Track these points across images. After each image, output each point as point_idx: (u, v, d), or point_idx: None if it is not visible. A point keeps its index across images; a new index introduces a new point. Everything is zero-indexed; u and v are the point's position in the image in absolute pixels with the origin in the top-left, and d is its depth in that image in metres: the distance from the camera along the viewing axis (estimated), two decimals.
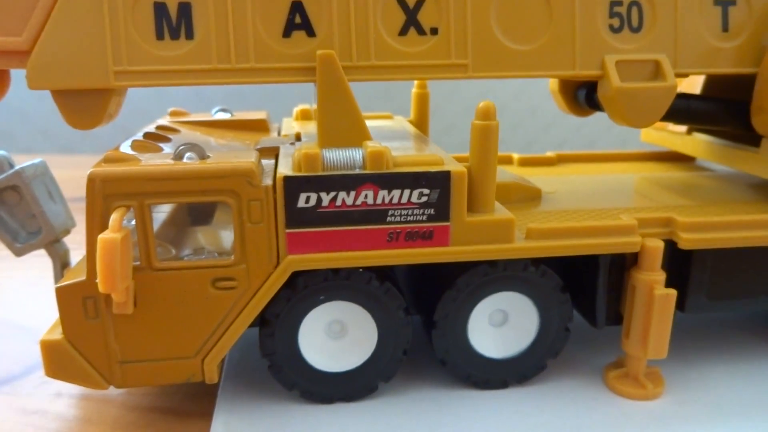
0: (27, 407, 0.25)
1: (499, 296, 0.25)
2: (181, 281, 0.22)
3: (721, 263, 0.26)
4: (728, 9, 0.27)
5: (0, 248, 0.27)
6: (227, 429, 0.23)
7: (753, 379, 0.27)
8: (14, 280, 0.38)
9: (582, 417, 0.24)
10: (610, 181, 0.34)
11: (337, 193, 0.22)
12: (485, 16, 0.25)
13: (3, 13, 0.23)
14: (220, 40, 0.24)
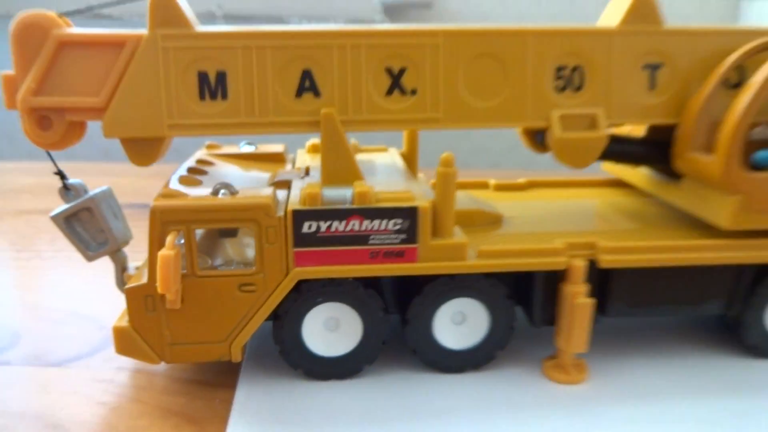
0: (96, 377, 0.33)
1: (457, 301, 0.32)
2: (215, 285, 0.29)
3: (637, 278, 0.32)
4: (655, 72, 0.34)
5: (72, 253, 0.34)
6: (247, 397, 0.30)
7: (664, 369, 0.33)
8: (79, 278, 0.45)
9: (521, 396, 0.31)
10: (566, 207, 0.40)
11: (331, 222, 0.29)
12: (454, 81, 0.32)
13: (84, 79, 0.31)
14: (248, 100, 0.31)
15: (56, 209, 0.34)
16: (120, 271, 0.35)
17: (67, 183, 0.34)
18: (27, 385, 0.32)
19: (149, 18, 0.30)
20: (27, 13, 0.30)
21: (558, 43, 0.32)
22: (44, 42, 0.30)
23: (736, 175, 0.30)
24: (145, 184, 0.31)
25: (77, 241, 0.34)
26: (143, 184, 0.31)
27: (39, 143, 0.32)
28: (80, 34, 0.30)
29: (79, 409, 0.30)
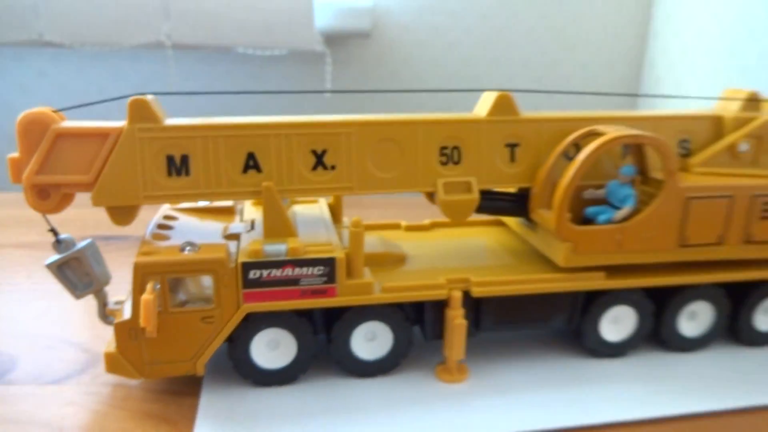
0: (88, 391, 0.41)
1: (368, 324, 0.42)
2: (183, 318, 0.39)
3: (501, 302, 0.44)
4: (514, 149, 0.45)
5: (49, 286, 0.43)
6: (209, 401, 0.40)
7: (523, 368, 0.44)
8: (59, 309, 0.53)
9: (418, 393, 0.41)
10: (458, 245, 0.52)
11: (271, 270, 0.39)
12: (364, 158, 0.42)
13: (76, 161, 0.39)
14: (206, 176, 0.40)
15: (50, 258, 0.42)
16: (102, 306, 0.44)
17: (59, 238, 0.42)
18: (32, 399, 0.41)
19: (128, 115, 0.39)
20: (30, 111, 0.39)
21: (441, 130, 0.43)
22: (44, 134, 0.39)
23: (565, 227, 0.42)
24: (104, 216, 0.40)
25: (67, 283, 0.43)
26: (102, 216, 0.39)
27: (39, 209, 0.40)
28: (73, 128, 0.39)
29: (77, 417, 0.39)
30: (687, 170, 0.47)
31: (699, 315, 0.48)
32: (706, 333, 0.48)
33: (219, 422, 0.38)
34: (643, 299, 0.46)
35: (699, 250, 0.45)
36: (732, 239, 0.45)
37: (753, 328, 0.49)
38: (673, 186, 0.42)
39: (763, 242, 0.45)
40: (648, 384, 0.44)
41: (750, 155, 0.48)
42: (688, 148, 0.48)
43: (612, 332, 0.46)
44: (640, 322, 0.46)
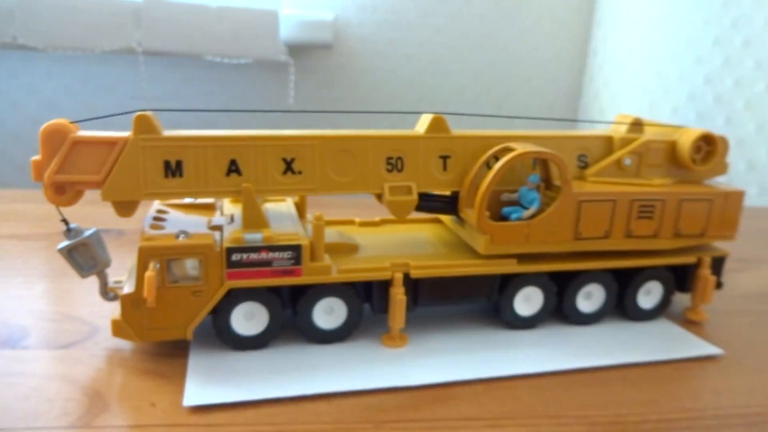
0: (93, 354, 0.50)
1: (327, 299, 0.52)
2: (177, 292, 0.48)
3: (435, 283, 0.54)
4: (446, 160, 0.56)
5: (46, 271, 0.52)
6: (196, 361, 0.49)
7: (453, 336, 0.55)
8: (58, 290, 0.62)
9: (367, 356, 0.51)
10: (402, 238, 0.62)
11: (250, 253, 0.48)
12: (324, 165, 0.52)
13: (90, 163, 0.48)
14: (196, 177, 0.50)
15: (61, 244, 0.50)
16: (103, 285, 0.53)
17: (70, 227, 0.51)
18: (46, 360, 0.49)
19: (134, 127, 0.48)
20: (52, 122, 0.47)
21: (388, 144, 0.54)
22: (63, 141, 0.47)
23: (484, 223, 0.53)
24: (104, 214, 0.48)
25: (75, 265, 0.51)
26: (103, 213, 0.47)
27: (55, 203, 0.49)
28: (88, 136, 0.48)
29: (86, 373, 0.47)
30: (584, 179, 0.59)
31: (593, 295, 0.59)
32: (599, 310, 0.60)
33: (206, 376, 0.47)
34: (548, 282, 0.57)
35: (590, 242, 0.56)
36: (616, 234, 0.57)
37: (637, 306, 0.61)
38: (568, 192, 0.54)
39: (641, 237, 0.58)
40: (551, 348, 0.55)
41: (633, 168, 0.60)
42: (586, 162, 0.60)
43: (524, 308, 0.58)
44: (546, 301, 0.58)
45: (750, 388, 0.51)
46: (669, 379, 0.52)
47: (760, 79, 1.30)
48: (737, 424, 0.46)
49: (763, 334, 0.62)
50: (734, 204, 0.60)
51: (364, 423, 0.43)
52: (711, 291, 0.61)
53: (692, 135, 0.59)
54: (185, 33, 1.38)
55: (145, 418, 0.42)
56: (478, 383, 0.49)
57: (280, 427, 0.42)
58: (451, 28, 1.82)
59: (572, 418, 0.45)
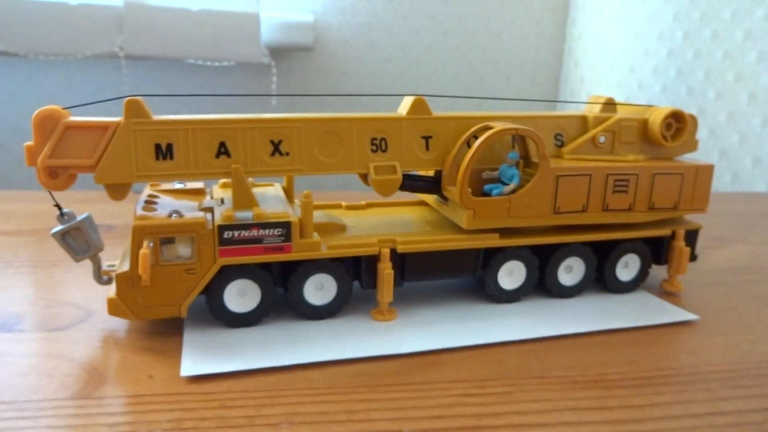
0: (89, 335, 0.51)
1: (317, 275, 0.54)
2: (171, 270, 0.49)
3: (421, 258, 0.56)
4: (428, 140, 0.58)
5: (36, 262, 0.53)
6: (191, 337, 0.50)
7: (440, 309, 0.57)
8: (48, 279, 0.63)
9: (357, 329, 0.53)
10: (388, 219, 0.64)
11: (241, 231, 0.50)
12: (311, 147, 0.54)
13: (82, 148, 0.49)
14: (186, 160, 0.51)
15: (55, 228, 0.52)
16: (97, 269, 0.54)
17: (63, 211, 0.52)
18: (42, 342, 0.50)
19: (125, 111, 0.49)
20: (44, 108, 0.49)
21: (372, 125, 0.55)
22: (56, 126, 0.49)
23: (467, 198, 0.55)
24: (94, 208, 0.50)
25: (69, 249, 0.52)
26: (93, 208, 0.49)
27: (49, 187, 0.50)
28: (80, 121, 0.49)
29: (83, 352, 0.48)
30: (561, 157, 0.61)
31: (574, 268, 0.62)
32: (580, 282, 0.62)
33: (202, 349, 0.49)
34: (530, 255, 0.59)
35: (569, 216, 0.59)
36: (593, 208, 0.59)
37: (615, 279, 0.63)
38: (546, 167, 0.56)
39: (617, 210, 0.60)
40: (535, 317, 0.57)
41: (607, 146, 0.62)
42: (562, 141, 0.63)
43: (507, 282, 0.60)
44: (529, 274, 0.60)
45: (724, 348, 0.53)
46: (647, 342, 0.54)
47: (729, 70, 1.35)
48: (712, 379, 0.48)
49: (736, 302, 0.64)
50: (704, 177, 0.63)
51: (357, 388, 0.45)
52: (686, 262, 0.64)
53: (662, 112, 0.62)
54: (167, 37, 1.40)
55: (144, 388, 0.43)
56: (465, 350, 0.51)
57: (276, 394, 0.43)
58: (430, 31, 1.85)
59: (555, 378, 0.47)
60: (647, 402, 0.44)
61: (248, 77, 1.65)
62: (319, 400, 0.43)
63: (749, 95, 1.29)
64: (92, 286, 0.59)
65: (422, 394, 0.44)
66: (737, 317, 0.60)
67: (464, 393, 0.44)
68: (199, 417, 0.40)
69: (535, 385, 0.46)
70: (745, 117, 1.30)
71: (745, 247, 0.85)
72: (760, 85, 1.26)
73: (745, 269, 0.75)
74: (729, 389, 0.47)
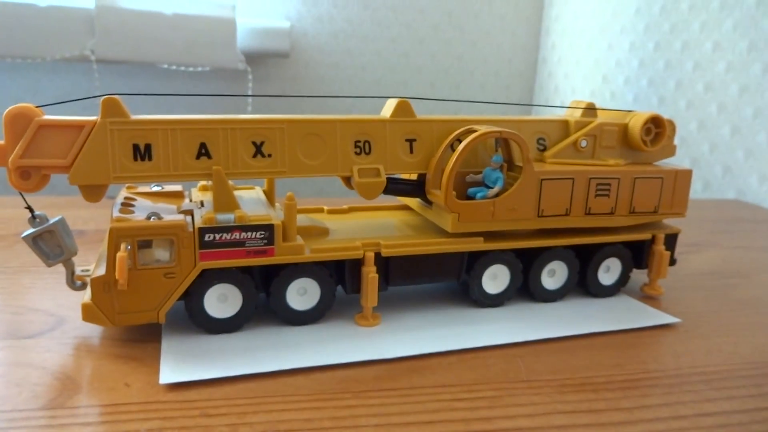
0: (61, 342, 0.49)
1: (300, 280, 0.52)
2: (149, 274, 0.48)
3: (405, 262, 0.55)
4: (412, 143, 0.58)
5: (7, 269, 0.51)
6: (169, 344, 0.49)
7: (424, 314, 0.56)
8: (19, 285, 0.60)
9: (341, 336, 0.52)
10: (371, 223, 0.63)
11: (222, 234, 0.49)
12: (294, 149, 0.53)
13: (56, 148, 0.47)
14: (165, 161, 0.50)
15: (26, 232, 0.50)
16: (70, 274, 0.52)
17: (35, 214, 0.50)
18: (12, 350, 0.48)
19: (101, 110, 0.48)
20: (16, 106, 0.47)
21: (355, 127, 0.55)
22: (28, 125, 0.47)
23: (451, 201, 0.55)
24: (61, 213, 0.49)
25: (41, 253, 0.50)
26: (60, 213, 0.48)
27: (20, 188, 0.48)
28: (54, 120, 0.47)
29: (55, 360, 0.46)
30: (543, 161, 0.62)
31: (557, 272, 0.62)
32: (563, 286, 0.62)
33: (181, 355, 0.47)
34: (514, 259, 0.59)
35: (552, 220, 0.59)
36: (576, 211, 0.59)
37: (598, 283, 0.64)
38: (530, 170, 0.56)
39: (599, 214, 0.60)
40: (520, 322, 0.57)
41: (589, 150, 0.63)
42: (545, 145, 0.63)
43: (491, 286, 0.59)
44: (513, 278, 0.60)
45: (707, 350, 0.54)
46: (632, 345, 0.54)
47: (699, 80, 1.38)
48: (697, 381, 0.48)
49: (715, 306, 0.65)
50: (683, 182, 0.63)
51: (343, 393, 0.44)
52: (666, 265, 0.64)
53: (642, 117, 0.63)
54: (140, 41, 1.37)
55: (120, 397, 0.41)
56: (451, 354, 0.50)
57: (259, 401, 0.42)
58: (405, 38, 1.86)
59: (543, 382, 0.47)
60: (635, 404, 0.44)
61: (224, 83, 1.63)
62: (304, 407, 0.42)
63: (718, 105, 1.32)
64: (64, 292, 0.57)
65: (409, 400, 0.43)
66: (717, 320, 0.61)
67: (452, 398, 0.44)
68: (179, 426, 0.39)
69: (524, 389, 0.45)
70: (715, 126, 1.33)
71: (720, 251, 0.87)
72: (728, 94, 1.29)
73: (721, 273, 0.77)
74: (714, 391, 0.47)
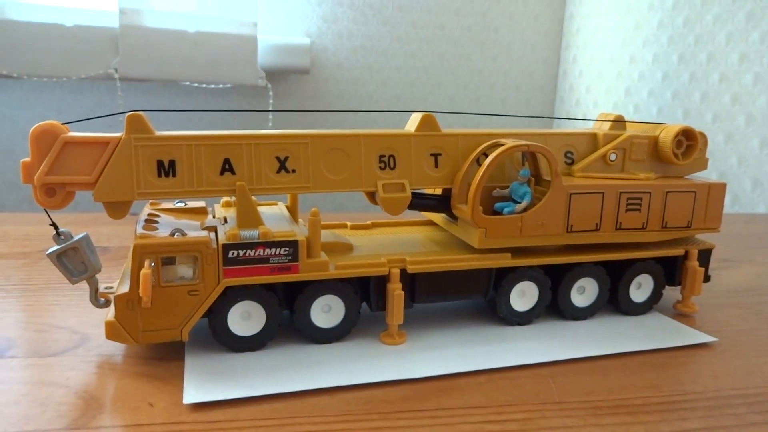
0: (85, 360, 0.48)
1: (324, 297, 0.52)
2: (172, 292, 0.47)
3: (431, 278, 0.54)
4: (437, 157, 0.57)
5: (27, 286, 0.50)
6: (193, 362, 0.48)
7: (451, 331, 0.55)
8: (41, 303, 0.60)
9: (367, 353, 0.51)
10: (395, 238, 0.62)
11: (246, 250, 0.48)
12: (318, 164, 0.52)
13: (81, 165, 0.47)
14: (189, 177, 0.49)
15: (50, 249, 0.49)
16: (94, 291, 0.52)
17: (60, 231, 0.50)
18: (36, 369, 0.47)
19: (126, 127, 0.48)
20: (42, 123, 0.47)
21: (380, 141, 0.54)
22: (54, 142, 0.47)
23: (478, 217, 0.54)
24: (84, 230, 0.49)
25: (65, 270, 0.50)
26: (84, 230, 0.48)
27: (45, 206, 0.48)
28: (79, 137, 0.47)
29: (79, 378, 0.46)
30: (571, 175, 0.60)
31: (587, 289, 0.60)
32: (593, 304, 0.60)
33: (205, 374, 0.46)
34: (542, 276, 0.58)
35: (582, 235, 0.57)
36: (606, 227, 0.58)
37: (629, 300, 0.62)
38: (559, 184, 0.55)
39: (630, 229, 0.59)
40: (549, 340, 0.55)
41: (618, 163, 0.61)
42: (573, 158, 0.62)
43: (520, 304, 0.58)
44: (542, 295, 0.58)
45: (747, 371, 0.52)
46: (667, 365, 0.52)
47: (726, 92, 1.35)
48: (738, 404, 0.46)
49: (753, 324, 0.63)
50: (717, 196, 0.62)
51: (370, 415, 0.42)
52: (700, 282, 0.62)
53: (673, 130, 0.61)
54: (163, 59, 1.39)
55: (144, 417, 0.41)
56: (480, 374, 0.49)
57: (285, 422, 0.41)
58: (426, 54, 1.86)
59: (576, 404, 0.45)
60: (675, 428, 0.42)
61: (245, 100, 1.64)
62: (331, 428, 0.41)
63: (747, 117, 1.29)
64: (88, 310, 0.56)
65: (438, 422, 0.42)
66: (755, 339, 0.59)
67: (482, 420, 0.42)
68: None
69: (556, 411, 0.44)
70: (744, 139, 1.31)
71: (753, 268, 0.84)
72: (757, 106, 1.26)
73: (756, 290, 0.74)
74: (757, 414, 0.45)
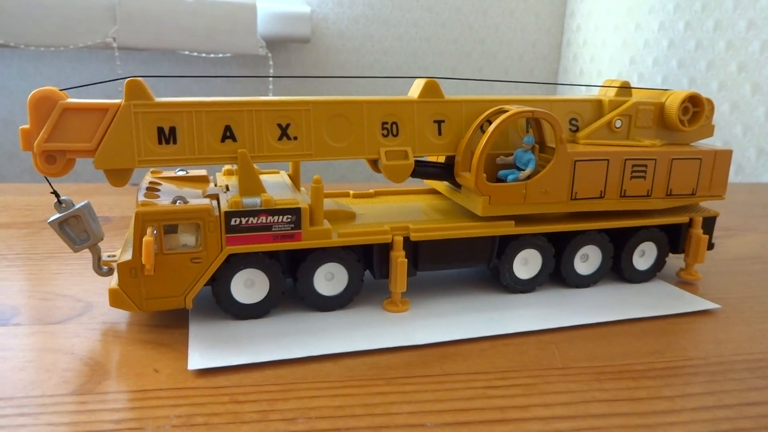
0: (89, 328, 0.48)
1: (327, 265, 0.51)
2: (175, 259, 0.47)
3: (434, 246, 0.54)
4: (440, 124, 0.56)
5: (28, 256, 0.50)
6: (197, 330, 0.48)
7: (453, 299, 0.55)
8: (44, 272, 0.60)
9: (370, 321, 0.51)
10: (398, 207, 0.62)
11: (249, 218, 0.48)
12: (320, 131, 0.52)
13: (80, 131, 0.47)
14: (190, 144, 0.49)
15: (52, 217, 0.49)
16: (97, 259, 0.51)
17: (61, 198, 0.49)
18: (41, 335, 0.47)
19: (125, 93, 0.47)
20: (41, 89, 0.46)
21: (382, 108, 0.53)
22: (53, 108, 0.46)
23: (482, 184, 0.53)
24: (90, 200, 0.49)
25: (67, 239, 0.50)
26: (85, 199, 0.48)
27: (45, 173, 0.47)
28: (78, 103, 0.46)
29: (84, 345, 0.46)
30: (576, 142, 0.60)
31: (590, 257, 0.60)
32: (596, 272, 0.60)
33: (209, 341, 0.46)
34: (546, 243, 0.57)
35: (585, 203, 0.57)
36: (610, 194, 0.57)
37: (632, 267, 0.62)
38: (563, 151, 0.54)
39: (635, 196, 0.58)
40: (553, 307, 0.55)
41: (623, 130, 0.60)
42: (577, 125, 0.61)
43: (523, 271, 0.58)
44: (545, 263, 0.58)
45: (749, 336, 0.52)
46: (670, 331, 0.52)
47: (732, 60, 1.33)
48: (741, 369, 0.46)
49: (756, 291, 0.63)
50: (723, 163, 0.61)
51: (374, 380, 0.43)
52: (704, 250, 0.62)
53: (679, 96, 0.60)
54: (161, 28, 1.37)
55: (149, 383, 0.41)
56: (483, 341, 0.49)
57: (289, 387, 0.41)
58: (428, 23, 1.83)
59: (579, 369, 0.45)
60: (678, 393, 0.42)
61: (244, 69, 1.62)
62: (335, 393, 0.41)
63: (753, 86, 1.27)
64: (91, 278, 0.57)
65: (443, 387, 0.42)
66: (758, 306, 0.59)
67: (487, 385, 0.42)
68: (209, 412, 0.38)
69: (560, 377, 0.44)
70: (749, 108, 1.29)
71: (757, 236, 0.84)
72: (764, 75, 1.25)
73: (760, 258, 0.74)
74: (759, 379, 0.45)
